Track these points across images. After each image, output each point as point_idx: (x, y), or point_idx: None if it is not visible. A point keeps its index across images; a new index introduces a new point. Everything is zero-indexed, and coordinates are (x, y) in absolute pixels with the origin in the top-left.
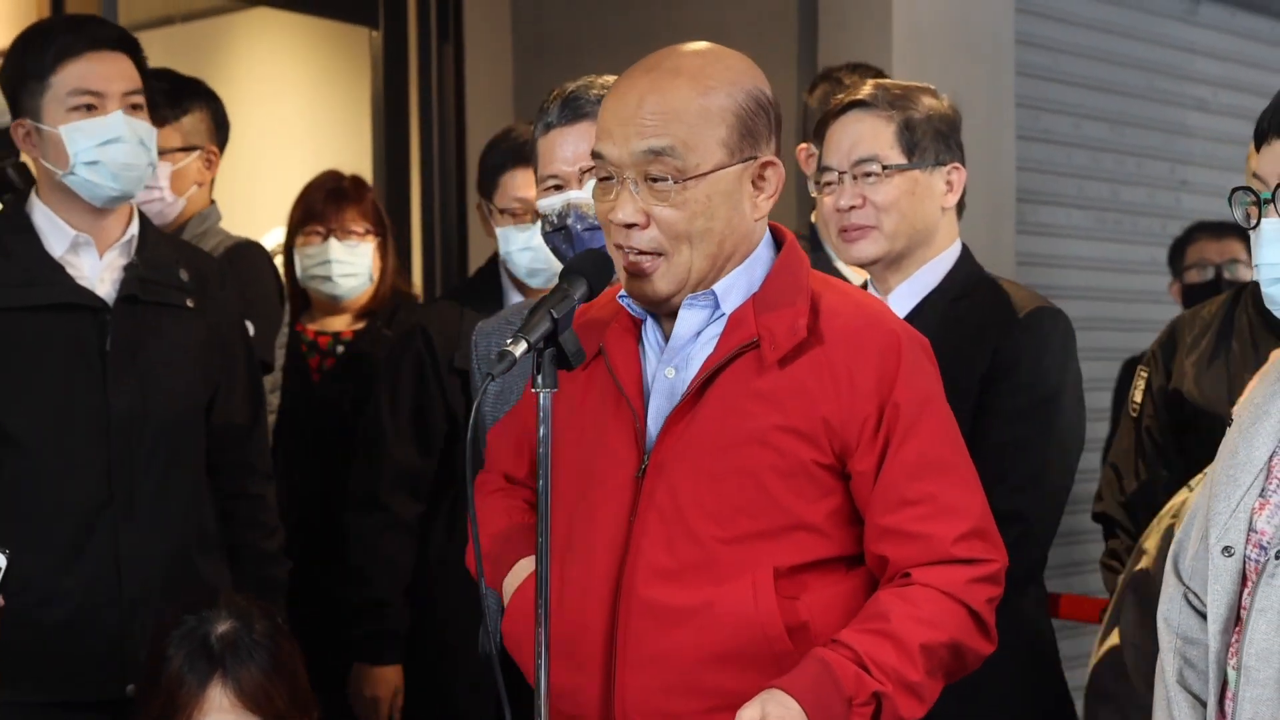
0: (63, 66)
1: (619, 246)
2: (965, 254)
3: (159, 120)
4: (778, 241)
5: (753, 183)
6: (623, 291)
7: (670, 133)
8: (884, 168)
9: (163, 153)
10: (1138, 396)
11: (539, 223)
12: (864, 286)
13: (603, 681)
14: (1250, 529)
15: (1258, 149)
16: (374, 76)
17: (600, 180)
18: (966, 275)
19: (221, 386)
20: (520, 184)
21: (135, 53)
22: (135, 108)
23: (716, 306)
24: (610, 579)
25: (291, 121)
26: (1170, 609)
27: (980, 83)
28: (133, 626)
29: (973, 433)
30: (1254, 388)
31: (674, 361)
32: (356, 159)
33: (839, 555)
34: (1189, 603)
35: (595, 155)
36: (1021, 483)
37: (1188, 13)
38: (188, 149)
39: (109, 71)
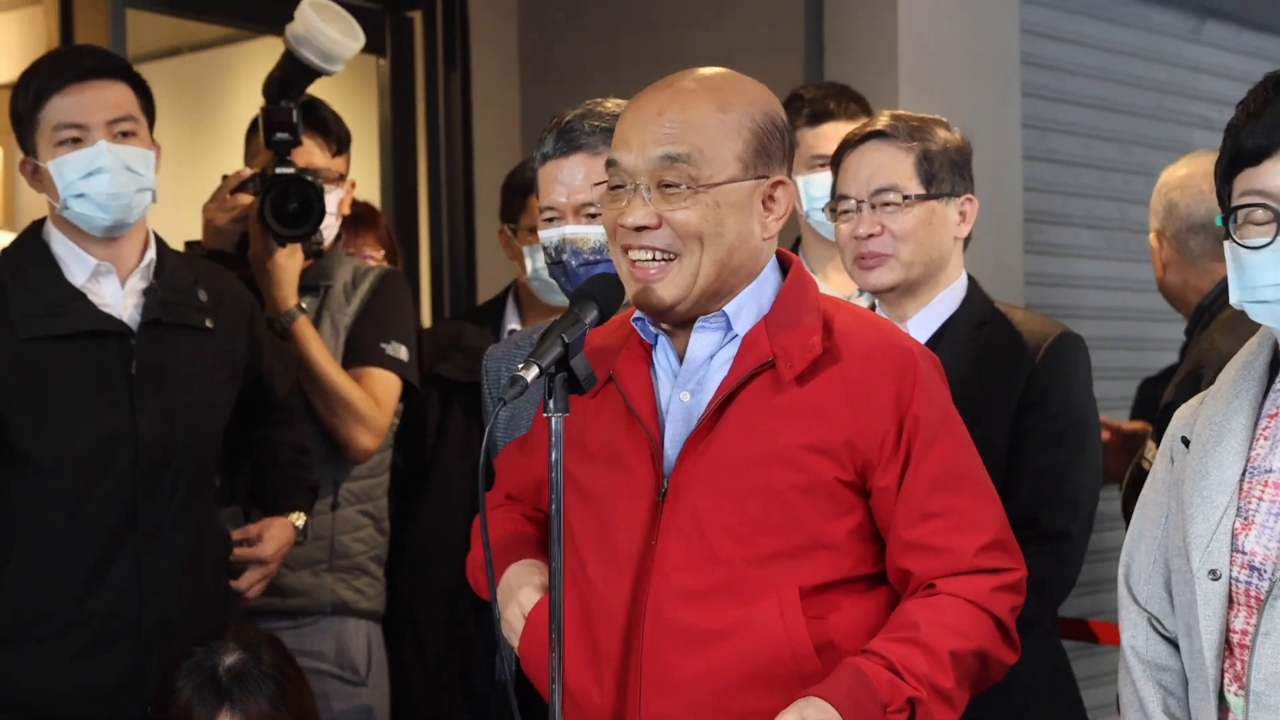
0: (46, 102)
1: (625, 252)
2: (973, 283)
3: (336, 147)
4: (783, 266)
5: (763, 202)
6: (637, 314)
7: (688, 141)
8: (904, 197)
9: (341, 178)
10: None
11: None
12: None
13: (619, 705)
14: (1235, 550)
15: (1254, 165)
16: (381, 104)
17: (611, 189)
18: (982, 303)
19: (276, 370)
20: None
21: (130, 78)
22: (126, 134)
23: (729, 329)
24: (629, 603)
25: None
26: (1135, 637)
27: (987, 104)
28: (151, 652)
29: (1010, 457)
30: (1208, 406)
31: (689, 385)
32: (364, 186)
33: (860, 574)
34: (1154, 629)
35: (610, 164)
36: (1065, 504)
37: (1193, 32)
38: (344, 179)
39: (91, 102)
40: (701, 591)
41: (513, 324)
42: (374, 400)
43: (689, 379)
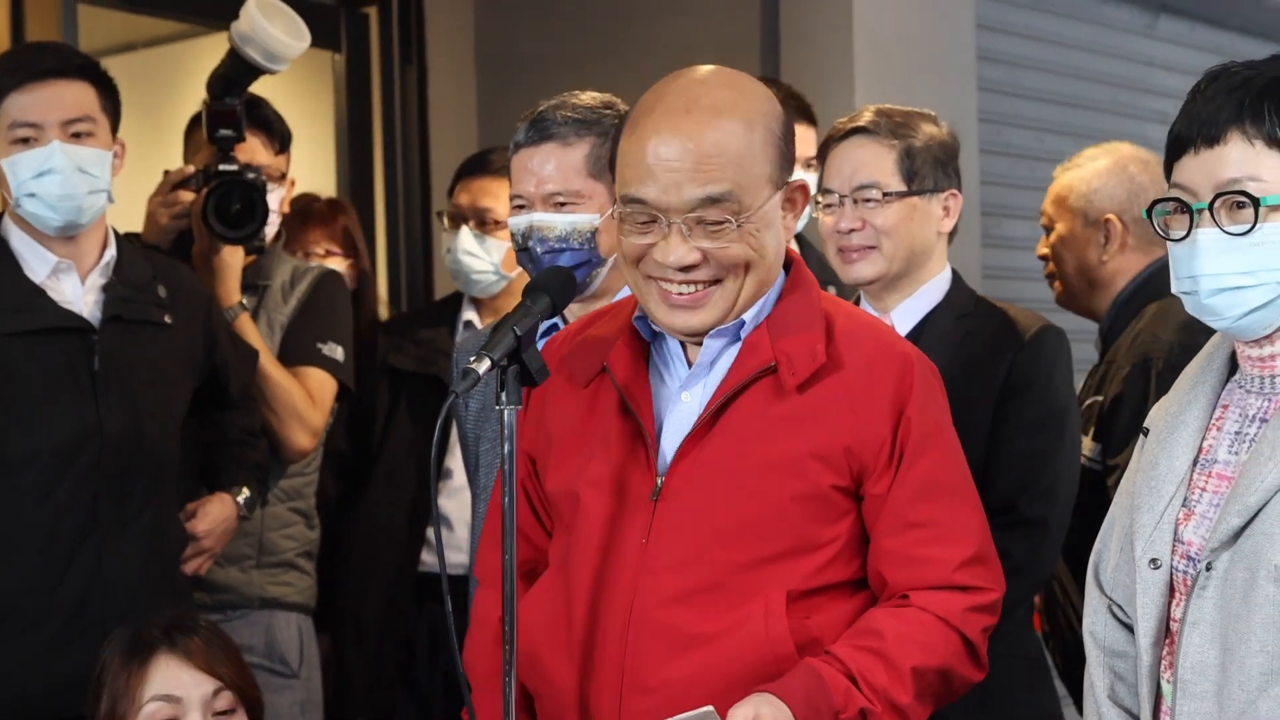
0: (4, 99)
1: (651, 278)
2: (957, 276)
3: (278, 146)
4: (784, 263)
5: (782, 206)
6: (639, 314)
7: (726, 177)
8: (884, 194)
9: (283, 176)
10: None
11: (461, 229)
12: (856, 302)
13: (600, 701)
14: (1176, 540)
15: (1176, 159)
16: (337, 99)
17: (640, 222)
18: (965, 295)
19: (231, 364)
20: (462, 190)
21: (92, 77)
22: (83, 135)
23: (738, 332)
24: (616, 600)
25: None
26: (1095, 622)
27: (942, 98)
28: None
29: (991, 444)
30: (1168, 398)
31: (690, 386)
32: (321, 182)
33: (849, 579)
34: (1114, 615)
35: (633, 200)
36: (1043, 491)
37: (1147, 27)
38: (285, 177)
39: (48, 101)
40: (690, 593)
41: (469, 315)
42: (310, 400)
43: (693, 379)
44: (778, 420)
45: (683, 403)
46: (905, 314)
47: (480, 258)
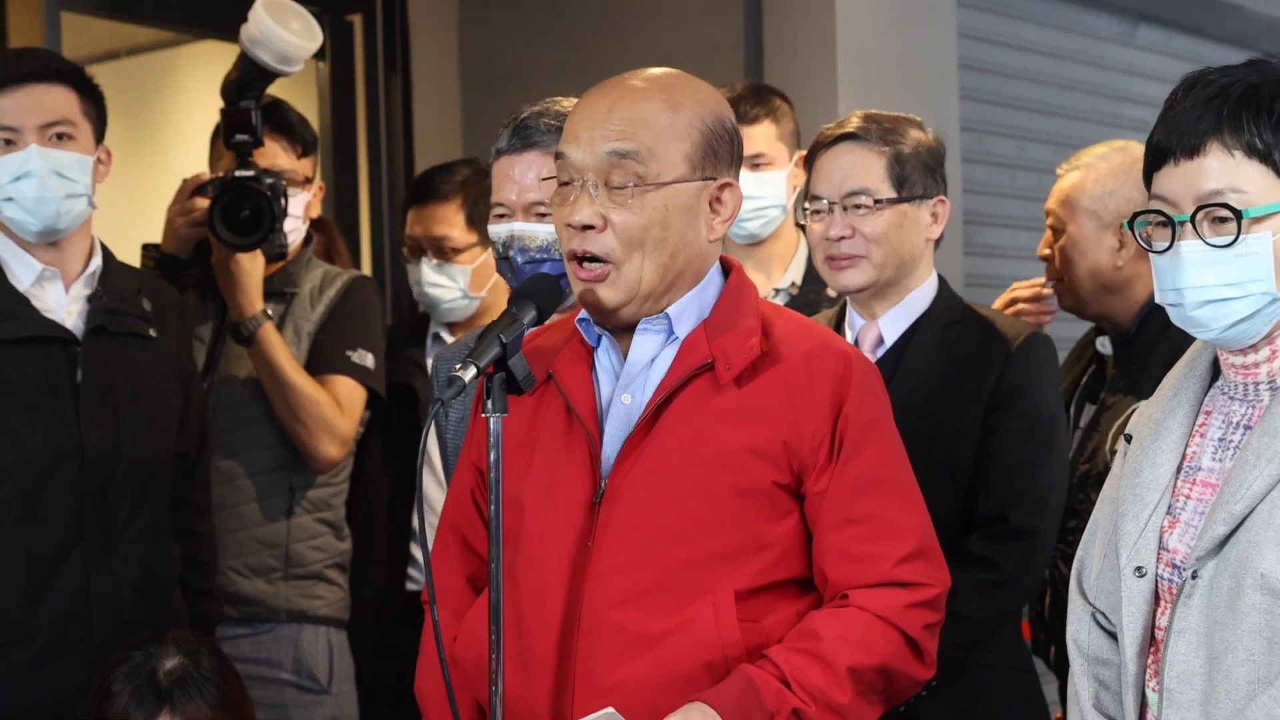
0: None
1: (573, 254)
2: (944, 283)
3: (301, 149)
4: (725, 270)
5: (710, 204)
6: (582, 315)
7: (637, 138)
8: (875, 201)
9: (308, 180)
10: None
11: (422, 261)
12: (843, 309)
13: (551, 707)
14: (1161, 548)
15: (1157, 170)
16: (321, 108)
17: (560, 185)
18: (951, 302)
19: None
20: (414, 220)
21: (73, 82)
22: (62, 138)
23: (670, 332)
24: (563, 605)
25: None
26: (1079, 630)
27: (924, 108)
28: (101, 663)
29: (980, 455)
30: (1151, 404)
31: (629, 387)
32: None
33: (795, 577)
34: (1097, 623)
35: (558, 157)
36: (1034, 502)
37: (1126, 36)
38: (311, 181)
39: (26, 105)
40: (638, 594)
41: (436, 328)
42: (339, 409)
43: (630, 381)
44: (715, 416)
45: (623, 405)
46: (893, 322)
47: (447, 286)
